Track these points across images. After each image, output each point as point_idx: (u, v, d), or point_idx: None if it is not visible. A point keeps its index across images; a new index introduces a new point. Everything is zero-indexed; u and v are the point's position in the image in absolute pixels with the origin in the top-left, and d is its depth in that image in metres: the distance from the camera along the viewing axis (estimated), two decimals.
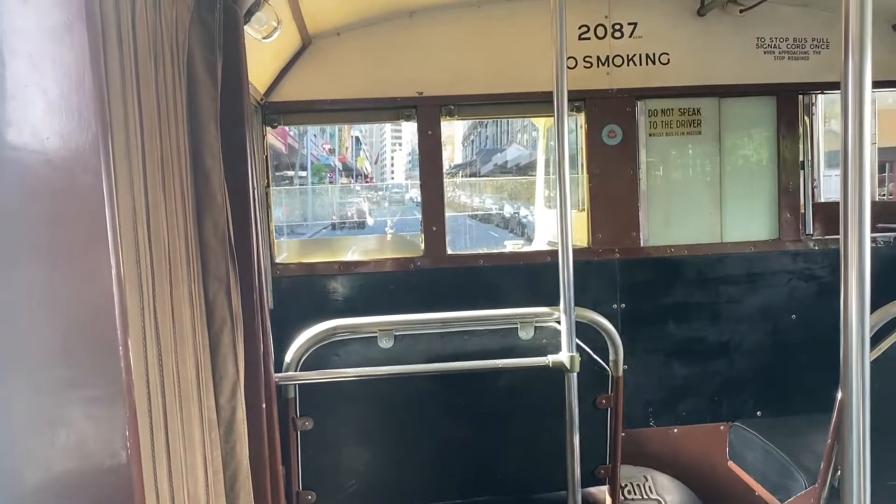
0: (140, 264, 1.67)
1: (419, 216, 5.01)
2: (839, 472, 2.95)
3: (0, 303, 1.13)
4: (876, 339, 2.89)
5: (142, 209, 1.70)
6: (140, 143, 1.70)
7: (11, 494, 1.14)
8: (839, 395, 1.71)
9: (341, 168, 65.20)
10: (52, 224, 1.17)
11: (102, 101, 1.22)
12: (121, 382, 1.19)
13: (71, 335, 1.19)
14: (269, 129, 4.73)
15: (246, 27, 2.83)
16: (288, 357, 2.95)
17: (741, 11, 4.75)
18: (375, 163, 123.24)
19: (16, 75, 1.13)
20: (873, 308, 1.70)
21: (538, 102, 4.84)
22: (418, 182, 4.95)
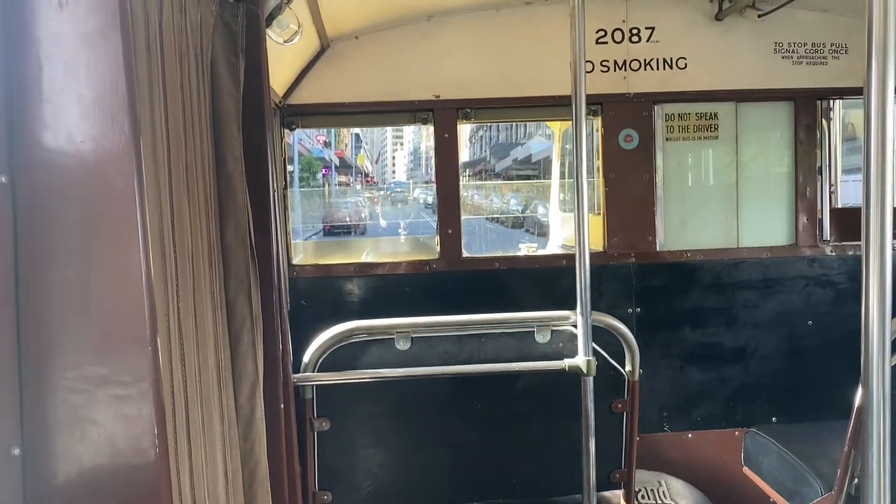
0: (166, 265, 1.70)
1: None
2: (856, 479, 2.95)
3: (35, 302, 1.16)
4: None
5: (167, 211, 1.73)
6: (166, 146, 1.73)
7: (44, 490, 1.16)
8: (857, 402, 1.71)
9: (338, 164, 60.43)
10: (87, 225, 1.19)
11: (133, 105, 1.24)
12: (150, 381, 1.21)
13: (104, 335, 1.21)
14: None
15: (267, 31, 2.86)
16: (306, 358, 2.97)
17: (759, 16, 4.74)
18: (376, 162, 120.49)
19: (52, 80, 1.16)
20: (894, 313, 1.69)
21: (555, 106, 4.84)
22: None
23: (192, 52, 2.01)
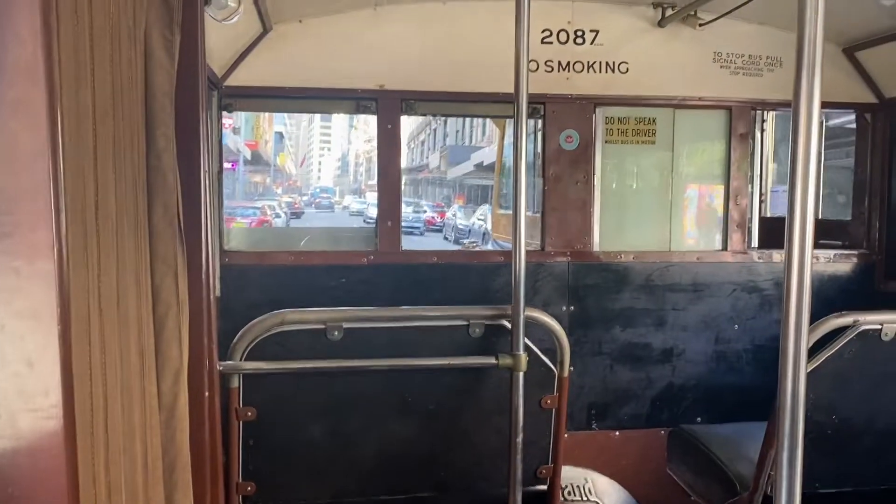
0: (87, 242, 1.63)
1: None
2: (771, 478, 3.04)
3: None
4: (814, 352, 2.98)
5: (91, 187, 1.66)
6: (92, 119, 1.66)
7: None
8: (776, 404, 1.76)
9: (248, 157, 52.67)
10: None
11: (51, 72, 1.18)
12: (58, 362, 1.16)
13: (6, 309, 1.15)
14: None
15: (206, 8, 2.78)
16: (233, 346, 2.91)
17: (700, 25, 4.85)
18: (301, 165, 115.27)
19: None
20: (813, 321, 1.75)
21: (499, 103, 4.87)
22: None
23: (125, 23, 1.93)
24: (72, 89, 1.53)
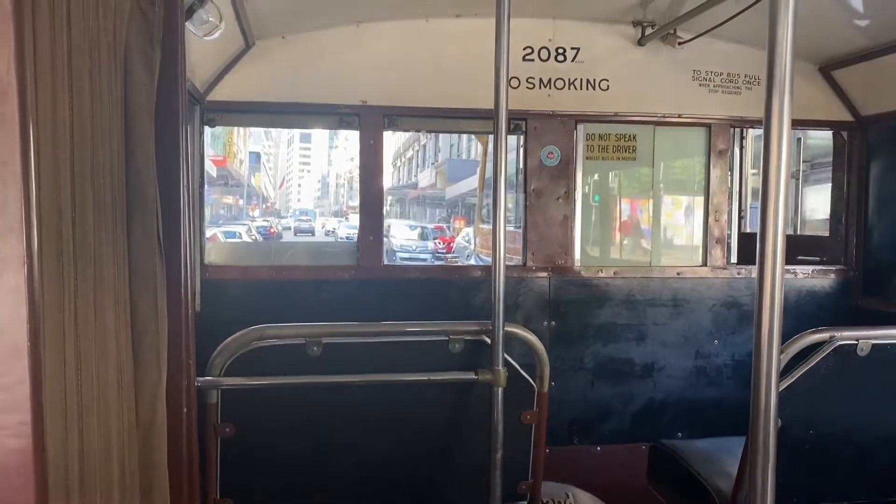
0: (62, 258, 1.62)
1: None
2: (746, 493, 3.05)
3: None
4: (790, 368, 3.01)
5: (68, 204, 1.65)
6: (69, 135, 1.65)
7: None
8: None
9: (214, 175, 47.96)
10: None
11: (25, 90, 1.18)
12: (27, 380, 1.14)
13: None
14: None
15: (187, 23, 2.79)
16: (212, 361, 2.89)
17: (679, 44, 4.91)
18: (280, 187, 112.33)
19: None
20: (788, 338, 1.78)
21: (481, 119, 4.89)
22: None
23: (105, 39, 1.93)
24: (47, 104, 1.53)
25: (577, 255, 5.08)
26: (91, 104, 1.81)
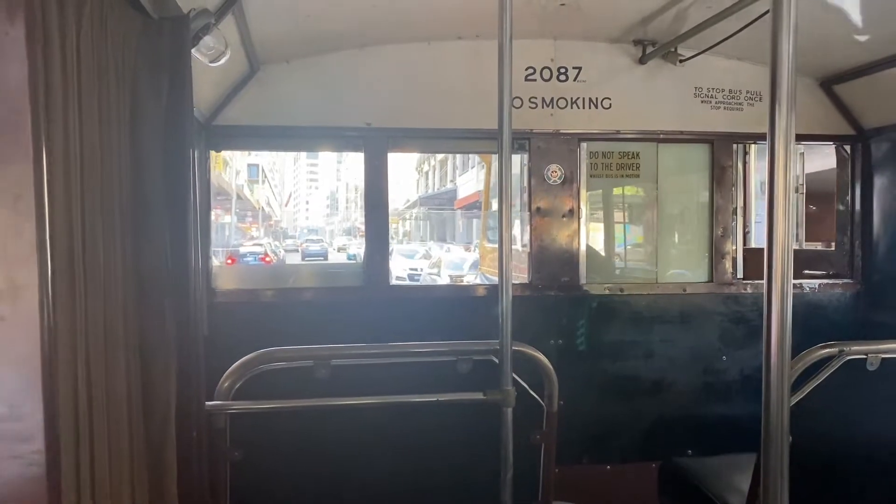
0: (74, 284, 1.63)
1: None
2: None
3: None
4: (800, 383, 3.00)
5: (78, 230, 1.66)
6: (79, 162, 1.67)
7: None
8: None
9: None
10: None
11: (38, 118, 1.20)
12: (41, 409, 1.15)
13: None
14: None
15: (193, 50, 2.82)
16: (220, 385, 2.88)
17: (680, 61, 4.94)
18: (286, 205, 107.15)
19: None
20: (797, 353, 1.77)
21: (484, 139, 4.92)
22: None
23: (113, 67, 1.95)
24: (59, 133, 1.55)
25: (583, 272, 5.08)
26: (100, 131, 1.83)
